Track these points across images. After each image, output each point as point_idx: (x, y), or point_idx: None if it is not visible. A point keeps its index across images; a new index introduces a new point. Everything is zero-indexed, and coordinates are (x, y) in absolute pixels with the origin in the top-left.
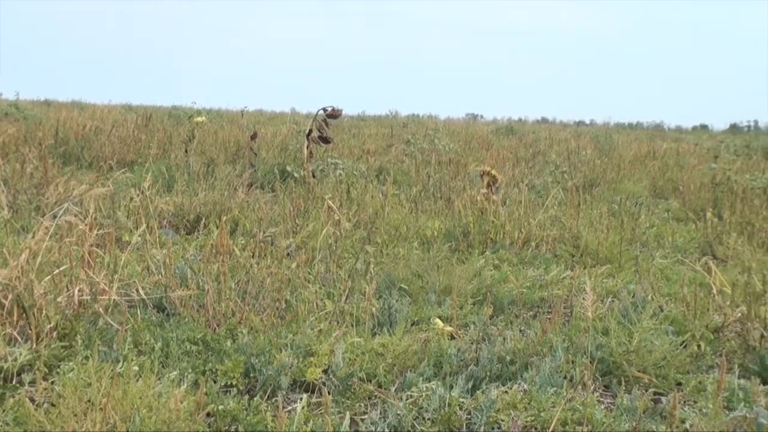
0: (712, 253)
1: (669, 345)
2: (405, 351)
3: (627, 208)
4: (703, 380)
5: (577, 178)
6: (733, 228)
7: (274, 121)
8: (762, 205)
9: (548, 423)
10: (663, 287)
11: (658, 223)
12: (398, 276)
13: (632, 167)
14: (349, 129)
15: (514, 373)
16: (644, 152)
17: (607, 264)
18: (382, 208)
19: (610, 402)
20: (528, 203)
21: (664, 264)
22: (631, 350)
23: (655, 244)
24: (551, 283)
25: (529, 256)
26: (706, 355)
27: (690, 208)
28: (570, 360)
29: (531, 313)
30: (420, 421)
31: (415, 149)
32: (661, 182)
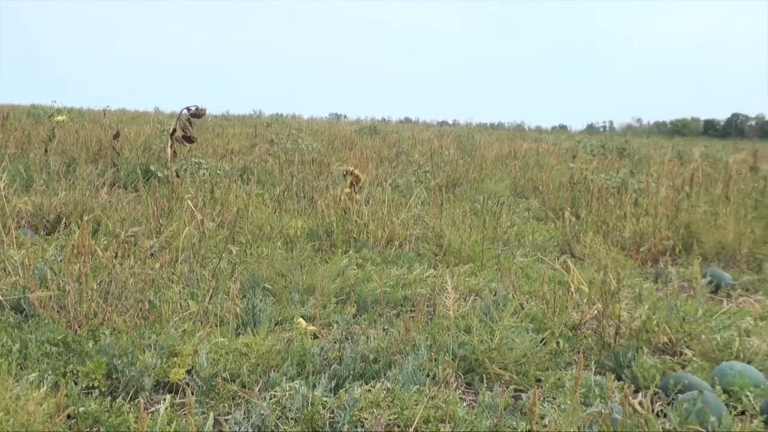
0: (571, 251)
1: (529, 342)
2: (269, 350)
3: (489, 207)
4: (561, 377)
5: (440, 178)
6: (590, 227)
7: (138, 120)
8: (616, 204)
9: (411, 421)
10: (524, 285)
11: (519, 222)
12: (262, 275)
13: (494, 167)
14: (213, 128)
15: (378, 371)
16: (506, 152)
17: (469, 263)
18: (246, 208)
19: (472, 399)
20: (391, 202)
21: (525, 262)
22: (492, 348)
23: (516, 243)
24: (414, 281)
25: (393, 255)
26: (565, 352)
27: (549, 207)
28: (433, 358)
29: (394, 311)
30: (283, 420)
31: (278, 149)
32: (521, 182)
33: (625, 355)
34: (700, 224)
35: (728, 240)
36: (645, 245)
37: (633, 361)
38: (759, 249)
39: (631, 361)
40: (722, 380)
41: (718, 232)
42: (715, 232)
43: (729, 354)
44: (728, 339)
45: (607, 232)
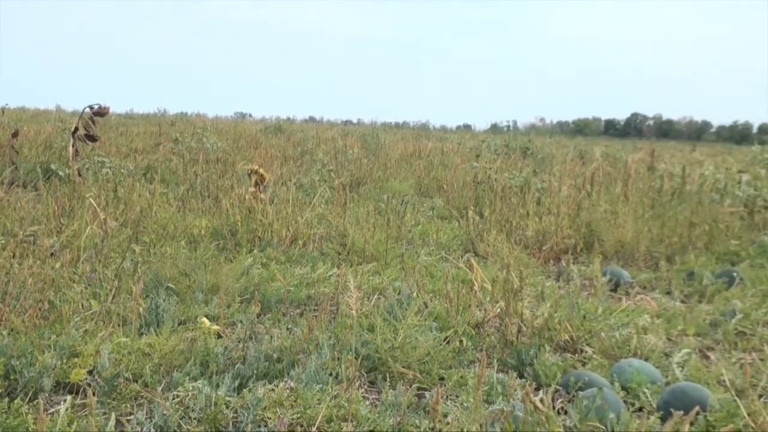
0: (474, 250)
1: (433, 341)
2: (172, 350)
3: (393, 206)
4: (464, 375)
5: (344, 177)
6: (493, 226)
7: (38, 118)
8: (519, 203)
9: (314, 420)
10: (427, 284)
11: (423, 221)
12: (166, 275)
13: (398, 166)
14: (117, 127)
15: (281, 370)
16: (410, 151)
17: (373, 261)
18: (150, 207)
19: (376, 398)
20: (296, 202)
21: (429, 261)
22: (396, 346)
23: (420, 242)
24: (318, 280)
25: (297, 255)
26: (468, 350)
27: (453, 206)
28: (336, 357)
29: (298, 310)
30: (186, 420)
31: (183, 148)
32: (426, 181)
33: (527, 353)
34: (600, 223)
35: (627, 239)
36: (547, 244)
37: (535, 359)
38: (656, 247)
39: (533, 359)
40: (621, 377)
41: (618, 230)
42: (615, 231)
43: (627, 351)
44: (627, 336)
45: (510, 231)
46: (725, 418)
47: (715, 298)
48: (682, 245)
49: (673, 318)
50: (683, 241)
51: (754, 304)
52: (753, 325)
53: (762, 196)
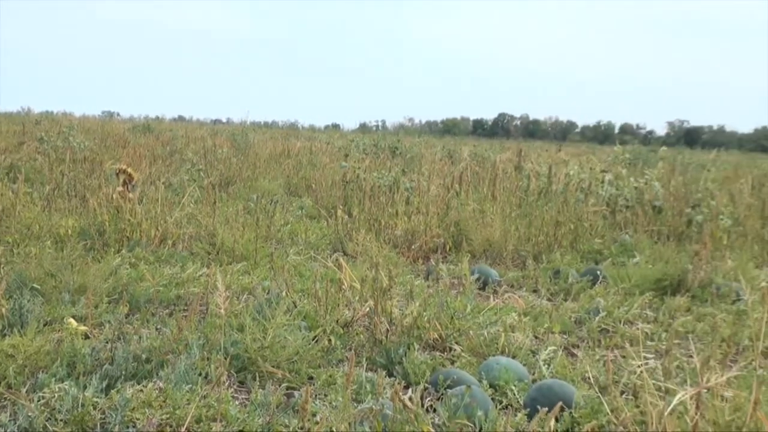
0: (343, 249)
1: (302, 340)
2: (37, 351)
3: (262, 205)
4: (333, 374)
5: (213, 176)
6: (362, 225)
7: None
8: (388, 202)
9: (183, 420)
10: (297, 283)
11: (293, 220)
12: (30, 275)
13: (268, 165)
14: None
15: (150, 371)
16: (279, 151)
17: (243, 261)
18: (13, 207)
19: (245, 398)
20: (165, 201)
21: (298, 261)
22: (265, 346)
23: (289, 241)
24: (188, 280)
25: (166, 254)
26: (337, 349)
27: (322, 205)
28: (206, 357)
29: (167, 310)
30: (53, 422)
31: (48, 147)
32: (295, 180)
33: (396, 352)
34: (468, 222)
35: (495, 237)
36: (416, 243)
37: (404, 358)
38: (523, 246)
39: (402, 358)
40: (489, 375)
41: (486, 230)
42: (483, 230)
43: (495, 349)
44: (495, 335)
45: (379, 230)
46: (589, 415)
47: (580, 296)
48: (548, 244)
49: (540, 316)
50: (549, 240)
51: (616, 302)
52: (615, 322)
53: (623, 196)
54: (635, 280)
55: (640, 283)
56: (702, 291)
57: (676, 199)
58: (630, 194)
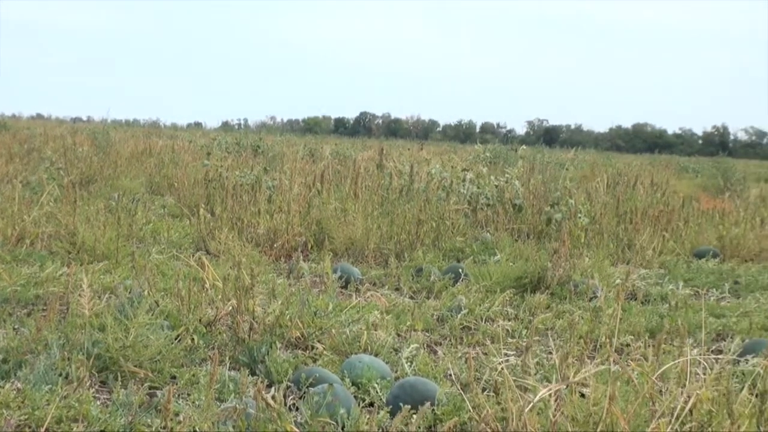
0: (206, 248)
1: (164, 339)
2: None
3: (124, 204)
4: (196, 373)
5: (73, 175)
6: (225, 223)
7: None
8: (250, 201)
9: (43, 421)
10: (159, 282)
11: (155, 219)
12: None
13: (129, 164)
14: None
15: (8, 371)
16: (141, 149)
17: (104, 260)
18: None
19: (107, 398)
20: (22, 200)
21: (160, 259)
22: (127, 345)
23: (151, 240)
24: (47, 280)
25: (24, 254)
26: (200, 348)
27: (185, 204)
28: (66, 357)
29: (26, 310)
30: None
31: None
32: (157, 179)
33: (259, 350)
34: (330, 221)
35: (357, 236)
36: (279, 241)
37: (267, 356)
38: (385, 244)
39: (265, 356)
40: (351, 373)
41: (348, 228)
42: (345, 229)
43: (358, 347)
44: (357, 333)
45: (241, 229)
46: (451, 412)
47: (442, 294)
48: (410, 242)
49: (402, 314)
50: (411, 238)
51: (477, 299)
52: (477, 320)
53: (485, 194)
54: (496, 277)
55: (501, 281)
56: (561, 288)
57: (536, 198)
58: (491, 193)
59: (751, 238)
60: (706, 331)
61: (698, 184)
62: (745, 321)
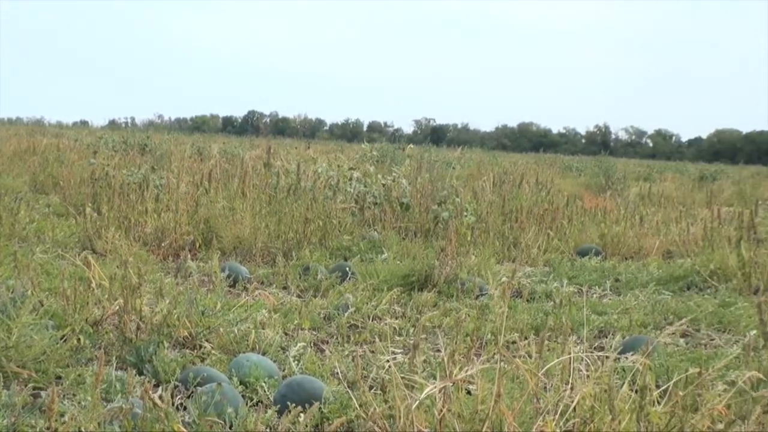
0: (92, 247)
1: (49, 339)
2: None
3: (6, 203)
4: (82, 373)
5: None
6: (112, 222)
7: None
8: (137, 199)
9: None
10: (44, 282)
11: (39, 218)
12: None
13: (12, 162)
14: None
15: None
16: (24, 147)
17: None
18: None
19: None
20: None
21: (45, 259)
22: (10, 346)
23: (35, 240)
24: None
25: None
26: (86, 348)
27: (70, 203)
28: None
29: None
30: None
31: None
32: (41, 177)
33: (146, 350)
34: (218, 219)
35: (245, 235)
36: (166, 240)
37: (154, 356)
38: (273, 243)
39: (152, 356)
40: (239, 372)
41: (236, 227)
42: (233, 227)
43: (246, 346)
44: (245, 331)
45: (129, 228)
46: (338, 410)
47: (329, 293)
48: (298, 241)
49: (290, 312)
50: (299, 237)
51: (365, 297)
52: (364, 318)
53: (372, 193)
54: (383, 276)
55: (388, 279)
56: (448, 286)
57: (423, 196)
58: (378, 191)
59: (631, 236)
60: (589, 328)
61: (581, 182)
62: (625, 318)
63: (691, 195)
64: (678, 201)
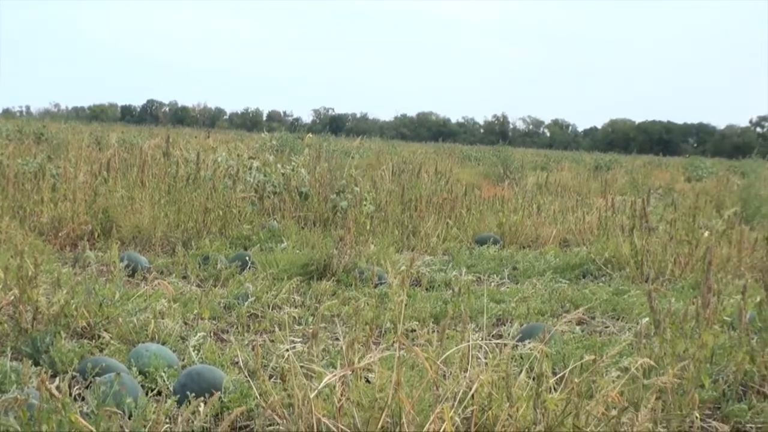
0: None
1: None
2: None
3: None
4: None
5: None
6: (6, 212)
7: None
8: (33, 189)
9: None
10: None
11: None
12: None
13: None
14: None
15: None
16: None
17: None
18: None
19: None
20: None
21: None
22: None
23: None
24: None
25: None
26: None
27: None
28: None
29: None
30: None
31: None
32: None
33: (42, 341)
34: (117, 209)
35: (144, 224)
36: (64, 230)
37: (51, 346)
38: (173, 233)
39: (49, 346)
40: (138, 362)
41: (135, 216)
42: (132, 217)
43: (145, 336)
44: (144, 321)
45: (24, 218)
46: (238, 399)
47: (229, 282)
48: (197, 230)
49: (190, 302)
50: (199, 227)
51: (265, 287)
52: (264, 307)
53: (271, 182)
54: (283, 265)
55: (287, 268)
56: (347, 275)
57: (322, 186)
58: (277, 181)
59: (529, 225)
60: (487, 316)
61: (480, 172)
62: (523, 306)
63: (586, 184)
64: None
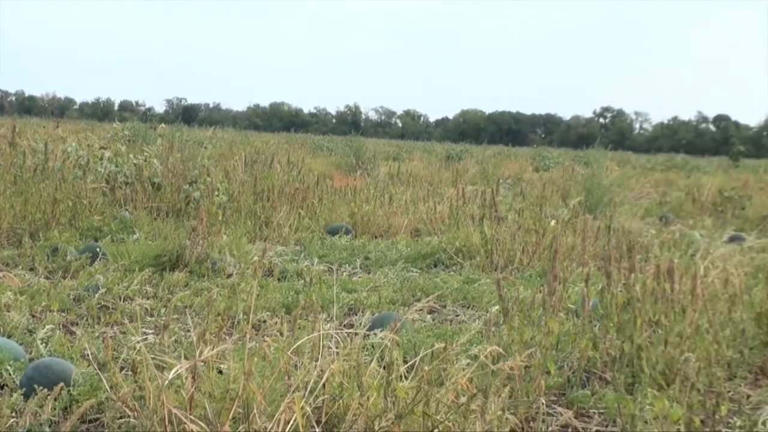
0: None
1: None
2: None
3: None
4: None
5: None
6: None
7: None
8: None
9: None
10: None
11: None
12: None
13: None
14: None
15: None
16: None
17: None
18: None
19: None
20: None
21: None
22: None
23: None
24: None
25: None
26: None
27: None
28: None
29: None
30: None
31: None
32: None
33: None
34: None
35: None
36: None
37: None
38: (19, 224)
39: None
40: None
41: None
42: None
43: None
44: None
45: None
46: (88, 392)
47: (79, 274)
48: (46, 221)
49: (38, 294)
50: (47, 218)
51: (116, 278)
52: (115, 299)
53: (123, 173)
54: (135, 256)
55: (140, 260)
56: (199, 266)
57: (175, 176)
58: (129, 171)
59: (381, 215)
60: (339, 306)
61: (332, 162)
62: (374, 295)
63: (438, 174)
64: (426, 180)
